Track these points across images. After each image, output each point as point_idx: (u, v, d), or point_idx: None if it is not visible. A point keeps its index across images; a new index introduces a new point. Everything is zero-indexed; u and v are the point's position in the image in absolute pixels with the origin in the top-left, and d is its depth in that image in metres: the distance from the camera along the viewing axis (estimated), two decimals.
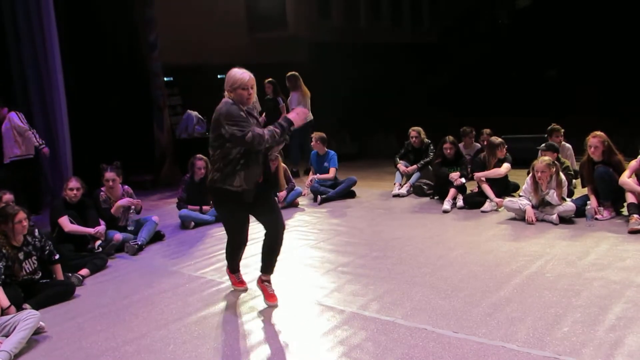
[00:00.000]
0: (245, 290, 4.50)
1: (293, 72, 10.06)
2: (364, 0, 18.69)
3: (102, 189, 6.20)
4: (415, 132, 8.35)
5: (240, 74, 3.87)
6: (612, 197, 5.97)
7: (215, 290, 4.55)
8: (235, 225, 4.18)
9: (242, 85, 3.84)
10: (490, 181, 6.92)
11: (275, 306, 4.15)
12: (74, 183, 5.79)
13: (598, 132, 6.07)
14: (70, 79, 8.84)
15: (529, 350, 3.17)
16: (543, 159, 6.05)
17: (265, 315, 3.99)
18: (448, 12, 19.46)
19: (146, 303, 4.40)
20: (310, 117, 9.54)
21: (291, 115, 3.97)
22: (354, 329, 3.64)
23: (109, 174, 6.12)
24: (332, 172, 8.23)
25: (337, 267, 4.95)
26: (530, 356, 3.12)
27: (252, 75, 3.91)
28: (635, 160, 5.80)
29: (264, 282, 4.24)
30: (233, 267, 4.50)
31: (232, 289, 4.54)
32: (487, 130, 8.79)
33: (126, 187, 6.43)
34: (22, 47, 8.37)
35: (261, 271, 4.26)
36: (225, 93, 3.92)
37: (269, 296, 4.19)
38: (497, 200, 6.72)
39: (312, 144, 8.43)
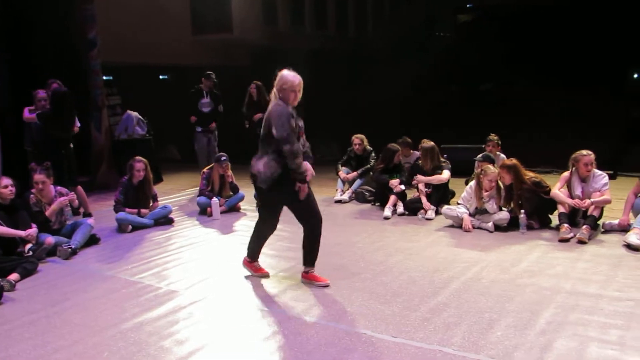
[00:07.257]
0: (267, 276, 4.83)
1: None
2: (309, 6, 18.80)
3: (32, 190, 5.89)
4: (359, 140, 8.46)
5: (292, 76, 4.26)
6: (538, 212, 6.24)
7: (153, 296, 4.44)
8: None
9: (292, 87, 4.23)
10: (433, 187, 7.09)
11: (327, 285, 4.49)
12: (5, 180, 5.47)
13: (506, 162, 6.35)
14: (4, 76, 8.45)
15: (464, 354, 3.25)
16: (489, 168, 6.24)
17: (205, 321, 3.93)
18: (393, 22, 19.84)
19: (79, 309, 4.24)
20: None
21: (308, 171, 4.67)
22: (295, 334, 3.64)
23: (38, 176, 5.84)
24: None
25: (278, 273, 4.94)
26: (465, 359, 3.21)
27: (301, 80, 4.29)
28: (567, 172, 6.10)
29: (308, 272, 4.59)
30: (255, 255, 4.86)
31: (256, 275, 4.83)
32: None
33: (58, 187, 6.17)
34: None
35: (303, 264, 4.63)
36: (274, 91, 4.27)
37: (318, 279, 4.55)
38: (427, 204, 6.96)
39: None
